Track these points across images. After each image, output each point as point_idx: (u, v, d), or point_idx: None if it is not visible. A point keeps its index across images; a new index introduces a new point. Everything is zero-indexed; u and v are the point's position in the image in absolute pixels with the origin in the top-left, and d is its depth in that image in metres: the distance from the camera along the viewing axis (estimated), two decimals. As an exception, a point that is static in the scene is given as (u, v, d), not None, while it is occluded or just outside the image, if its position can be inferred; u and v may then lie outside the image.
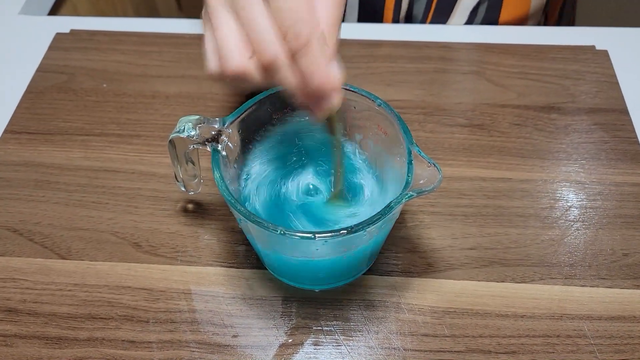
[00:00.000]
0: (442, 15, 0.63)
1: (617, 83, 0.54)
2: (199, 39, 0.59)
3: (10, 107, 0.53)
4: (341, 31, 0.35)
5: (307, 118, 0.40)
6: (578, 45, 0.58)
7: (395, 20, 0.63)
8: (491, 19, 0.63)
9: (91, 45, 0.59)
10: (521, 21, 0.64)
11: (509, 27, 0.61)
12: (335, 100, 0.32)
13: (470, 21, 0.63)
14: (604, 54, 0.57)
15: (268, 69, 0.31)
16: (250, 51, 0.31)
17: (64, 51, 0.58)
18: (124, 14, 1.02)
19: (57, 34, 0.60)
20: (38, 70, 0.56)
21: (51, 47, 0.59)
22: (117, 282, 0.42)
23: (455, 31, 0.60)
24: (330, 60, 0.31)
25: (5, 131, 0.51)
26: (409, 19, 0.64)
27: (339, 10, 0.33)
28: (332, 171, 0.40)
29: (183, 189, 0.42)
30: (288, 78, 0.31)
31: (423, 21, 0.63)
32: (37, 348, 0.39)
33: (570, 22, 0.72)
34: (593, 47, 0.58)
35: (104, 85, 0.55)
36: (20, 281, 0.42)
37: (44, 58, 0.58)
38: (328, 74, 0.31)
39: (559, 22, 0.70)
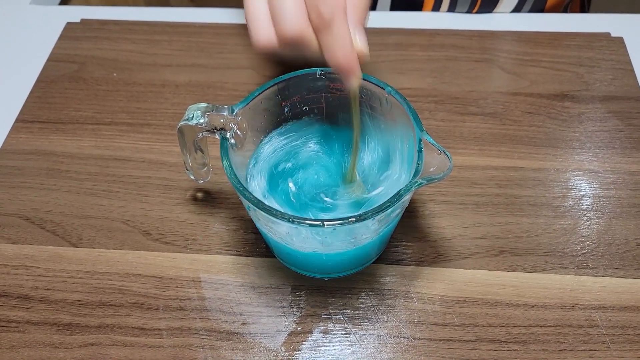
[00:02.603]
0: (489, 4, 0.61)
1: (633, 70, 0.53)
2: (209, 27, 0.59)
3: (21, 96, 0.54)
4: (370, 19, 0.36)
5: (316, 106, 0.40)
6: (593, 32, 0.57)
7: (437, 8, 0.62)
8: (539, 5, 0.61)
9: (102, 34, 0.59)
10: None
11: (521, 14, 0.60)
12: (351, 82, 0.34)
13: (518, 9, 0.61)
14: (620, 41, 0.56)
15: (292, 43, 0.34)
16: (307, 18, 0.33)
17: (74, 40, 0.59)
18: (135, 3, 1.02)
19: (68, 23, 0.60)
20: (49, 60, 0.57)
21: (62, 37, 0.59)
22: (127, 270, 0.42)
23: (469, 19, 0.59)
24: (352, 41, 0.33)
25: (17, 120, 0.52)
26: (454, 5, 0.62)
27: None
28: (350, 151, 0.39)
29: (192, 177, 0.42)
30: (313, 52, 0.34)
31: (470, 9, 0.62)
32: (48, 334, 0.39)
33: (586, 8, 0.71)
34: (608, 34, 0.56)
35: (115, 75, 0.55)
36: (32, 268, 0.42)
37: (55, 47, 0.58)
38: (345, 55, 0.32)
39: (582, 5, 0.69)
